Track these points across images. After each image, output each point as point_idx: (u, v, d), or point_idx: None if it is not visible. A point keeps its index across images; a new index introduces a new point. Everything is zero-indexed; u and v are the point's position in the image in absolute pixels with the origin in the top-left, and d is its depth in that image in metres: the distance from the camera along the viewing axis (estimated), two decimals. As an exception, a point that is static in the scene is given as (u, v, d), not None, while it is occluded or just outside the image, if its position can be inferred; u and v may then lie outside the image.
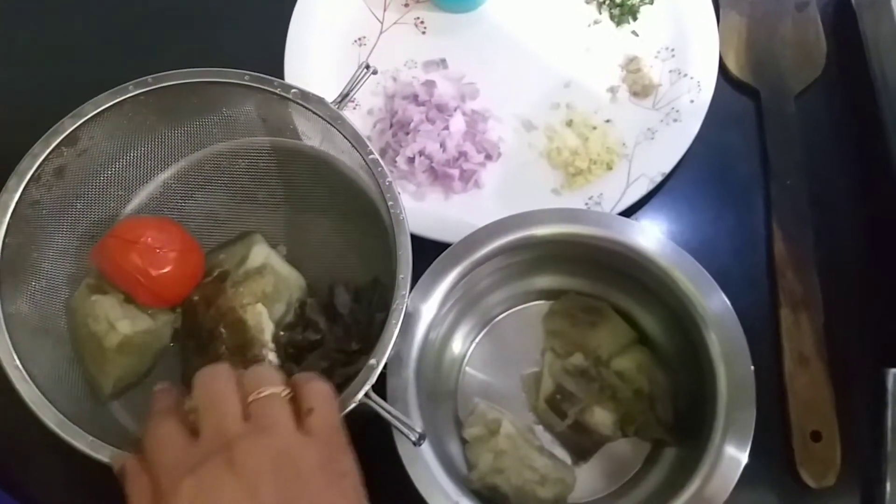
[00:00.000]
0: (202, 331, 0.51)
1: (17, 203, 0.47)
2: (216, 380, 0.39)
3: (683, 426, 0.52)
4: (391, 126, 0.65)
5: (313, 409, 0.38)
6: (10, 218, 0.47)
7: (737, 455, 0.45)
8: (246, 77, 0.50)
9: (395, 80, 0.68)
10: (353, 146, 0.49)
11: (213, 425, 0.37)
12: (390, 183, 0.47)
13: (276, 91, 0.50)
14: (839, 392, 0.55)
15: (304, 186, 0.55)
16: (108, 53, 0.73)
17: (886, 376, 0.54)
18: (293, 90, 0.49)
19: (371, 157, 0.48)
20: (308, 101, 0.49)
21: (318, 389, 0.40)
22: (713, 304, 0.48)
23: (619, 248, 0.50)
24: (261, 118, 0.53)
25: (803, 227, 0.60)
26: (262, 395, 0.38)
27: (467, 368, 0.57)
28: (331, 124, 0.49)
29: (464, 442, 0.53)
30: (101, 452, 0.42)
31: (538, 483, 0.50)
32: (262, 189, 0.56)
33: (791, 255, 0.59)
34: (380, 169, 0.48)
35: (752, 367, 0.46)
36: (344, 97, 0.50)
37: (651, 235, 0.50)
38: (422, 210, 0.62)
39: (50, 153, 0.48)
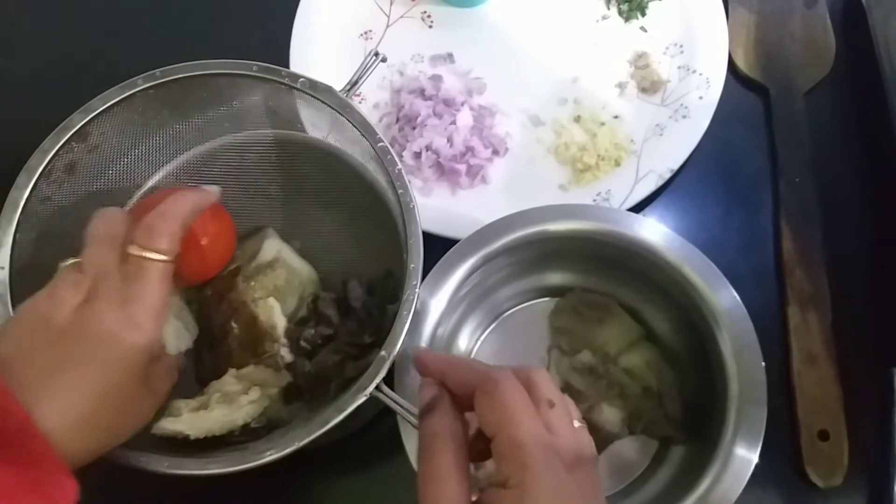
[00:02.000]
0: (214, 326, 0.51)
1: (27, 200, 0.47)
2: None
3: (692, 423, 0.52)
4: (398, 120, 0.64)
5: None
6: (21, 214, 0.46)
7: (748, 455, 0.44)
8: (254, 68, 0.49)
9: (401, 74, 0.68)
10: (363, 134, 0.48)
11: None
12: (400, 171, 0.46)
13: (285, 81, 0.49)
14: (847, 391, 0.55)
15: (315, 179, 0.54)
16: (114, 47, 0.72)
17: (894, 376, 0.54)
18: (301, 79, 0.49)
19: (380, 144, 0.47)
20: (316, 90, 0.49)
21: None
22: (723, 299, 0.48)
23: (629, 244, 0.50)
24: (270, 110, 0.53)
25: (811, 224, 0.60)
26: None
27: (474, 365, 0.57)
28: (339, 113, 0.48)
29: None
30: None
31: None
32: (274, 182, 0.55)
33: (799, 253, 0.59)
34: (389, 157, 0.47)
35: (763, 364, 0.46)
36: (353, 85, 0.49)
37: (660, 231, 0.50)
38: (428, 205, 0.61)
39: (60, 149, 0.47)
